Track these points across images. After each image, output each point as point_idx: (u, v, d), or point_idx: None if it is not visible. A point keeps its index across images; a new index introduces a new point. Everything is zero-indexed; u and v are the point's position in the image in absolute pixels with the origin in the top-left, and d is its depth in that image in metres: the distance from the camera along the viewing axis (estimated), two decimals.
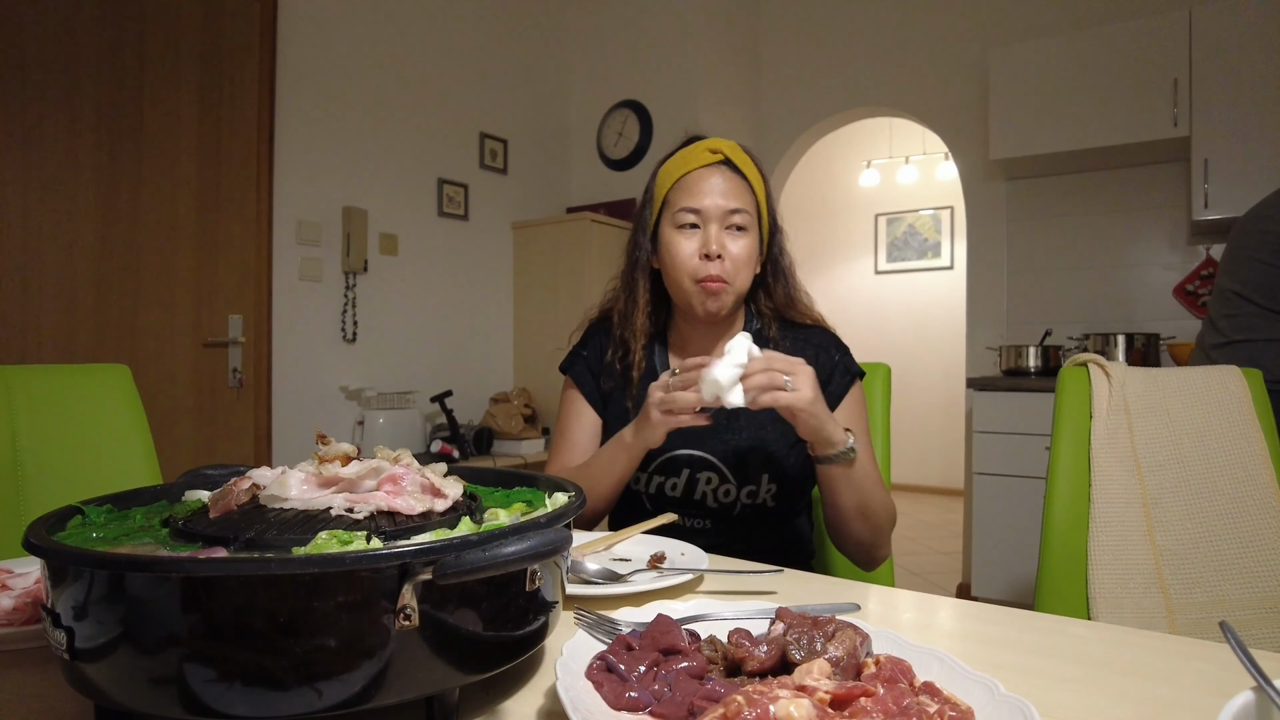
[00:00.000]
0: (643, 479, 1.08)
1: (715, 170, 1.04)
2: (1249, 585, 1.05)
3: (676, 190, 1.05)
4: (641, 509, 1.10)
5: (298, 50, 2.61)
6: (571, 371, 1.17)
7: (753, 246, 1.04)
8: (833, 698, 0.42)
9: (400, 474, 0.57)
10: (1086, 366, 1.19)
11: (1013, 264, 3.34)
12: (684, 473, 1.06)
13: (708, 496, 1.05)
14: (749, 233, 1.03)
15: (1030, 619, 0.69)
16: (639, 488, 1.09)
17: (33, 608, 0.63)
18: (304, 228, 2.63)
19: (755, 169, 1.07)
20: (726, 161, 1.05)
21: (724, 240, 1.02)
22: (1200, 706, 0.51)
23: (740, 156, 1.06)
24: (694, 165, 1.05)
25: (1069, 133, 2.88)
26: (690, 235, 1.03)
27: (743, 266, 1.03)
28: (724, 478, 1.05)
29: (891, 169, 5.62)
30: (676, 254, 1.04)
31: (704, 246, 1.02)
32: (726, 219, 1.02)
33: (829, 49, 3.76)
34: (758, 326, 1.13)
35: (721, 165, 1.05)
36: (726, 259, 1.02)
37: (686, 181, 1.04)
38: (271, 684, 0.41)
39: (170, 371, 2.29)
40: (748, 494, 1.04)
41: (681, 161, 1.06)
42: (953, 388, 5.31)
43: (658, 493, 1.08)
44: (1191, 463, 1.11)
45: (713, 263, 1.01)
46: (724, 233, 1.02)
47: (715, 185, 1.03)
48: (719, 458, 1.06)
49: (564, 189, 3.80)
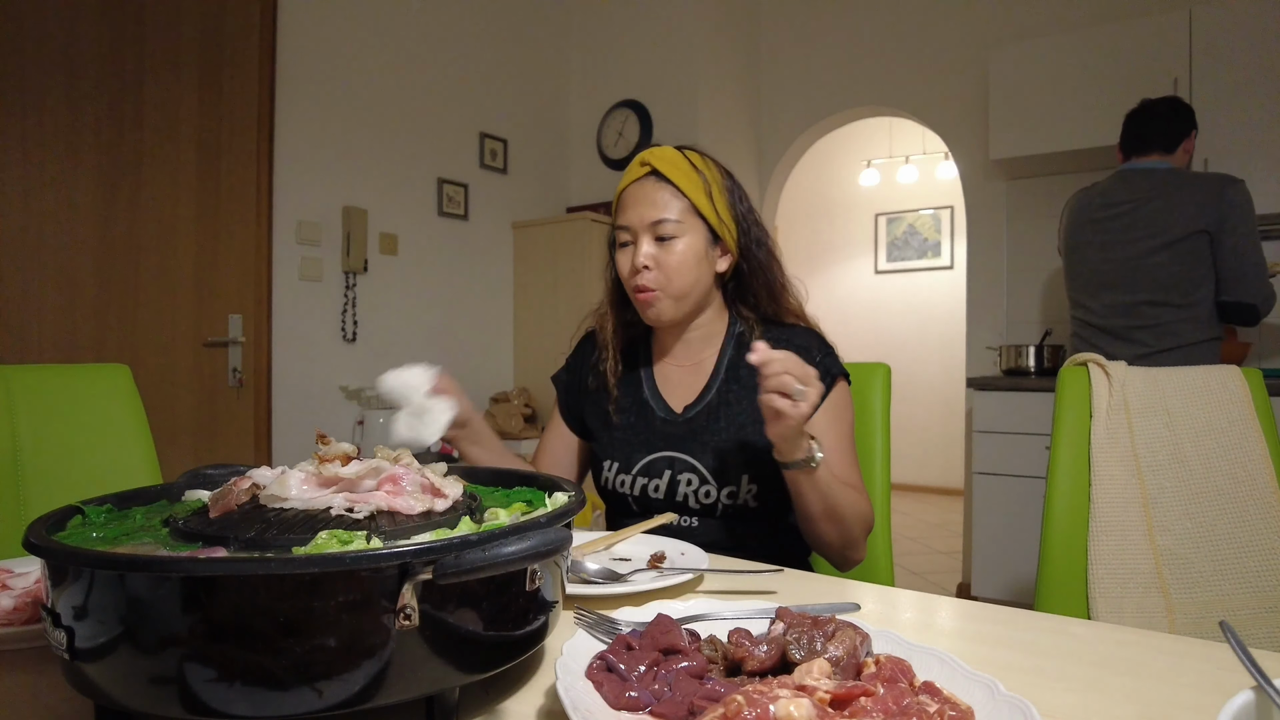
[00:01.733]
0: (627, 481, 1.10)
1: (642, 183, 1.06)
2: (1249, 585, 1.05)
3: (616, 209, 1.10)
4: (628, 510, 1.11)
5: (298, 50, 2.61)
6: (557, 386, 1.24)
7: (688, 251, 1.04)
8: (833, 697, 0.42)
9: (400, 474, 0.57)
10: (1086, 366, 1.19)
11: (1013, 264, 3.34)
12: (665, 474, 1.08)
13: (689, 498, 1.06)
14: (680, 239, 1.04)
15: (1030, 618, 0.69)
16: (624, 490, 1.10)
17: (33, 607, 0.63)
18: (304, 228, 2.63)
19: (692, 170, 1.06)
20: (654, 172, 1.06)
21: (652, 251, 1.04)
22: (1200, 706, 0.51)
23: (669, 164, 1.05)
24: (626, 182, 1.08)
25: (1069, 132, 2.88)
26: (625, 252, 1.07)
27: (676, 272, 1.04)
28: (703, 479, 1.05)
29: (891, 169, 5.62)
30: (619, 272, 1.10)
31: (632, 260, 1.05)
32: (653, 230, 1.04)
33: (829, 49, 3.76)
34: (740, 329, 1.13)
35: (648, 177, 1.06)
36: (655, 269, 1.04)
37: (621, 199, 1.09)
38: (271, 684, 0.41)
39: (170, 371, 2.29)
40: (728, 494, 1.05)
41: (624, 179, 1.09)
42: (953, 387, 5.30)
43: (642, 494, 1.09)
44: (1191, 462, 1.11)
45: (639, 274, 1.05)
46: (653, 244, 1.04)
47: (640, 197, 1.05)
48: (697, 459, 1.06)
49: (564, 189, 3.80)
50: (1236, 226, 2.04)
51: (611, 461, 1.12)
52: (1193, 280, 2.08)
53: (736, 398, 1.08)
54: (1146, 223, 2.13)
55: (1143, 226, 2.14)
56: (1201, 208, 2.05)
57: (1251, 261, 2.05)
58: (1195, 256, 2.07)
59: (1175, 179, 2.13)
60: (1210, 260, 2.07)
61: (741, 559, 0.90)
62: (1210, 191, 2.05)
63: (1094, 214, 2.27)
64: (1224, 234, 2.04)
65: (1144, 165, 2.20)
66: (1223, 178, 2.08)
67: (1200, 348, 2.11)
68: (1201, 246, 2.07)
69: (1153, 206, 2.12)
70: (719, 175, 1.09)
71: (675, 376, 1.14)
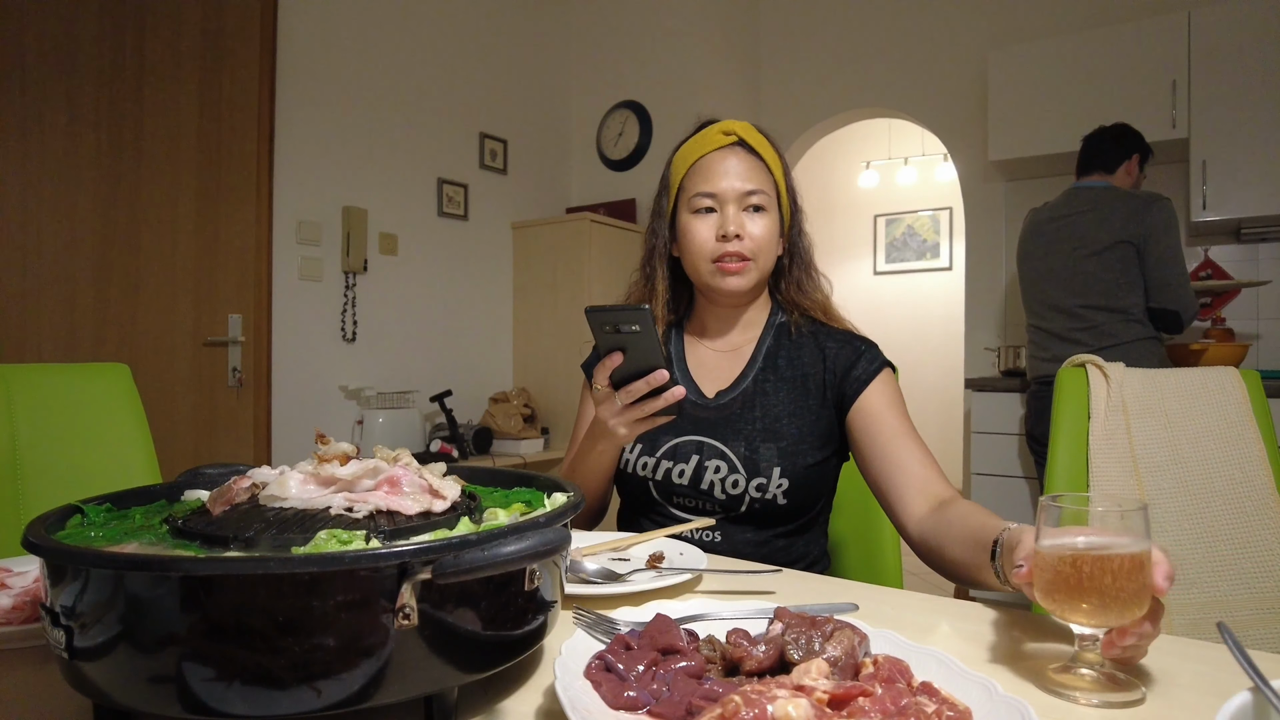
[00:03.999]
0: (650, 464, 1.04)
1: (730, 152, 1.04)
2: (1246, 586, 1.05)
3: (691, 175, 1.05)
4: (647, 495, 1.06)
5: (298, 50, 2.61)
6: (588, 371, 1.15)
7: (773, 226, 1.04)
8: (831, 698, 0.42)
9: (399, 474, 0.57)
10: (1085, 367, 1.19)
11: (1011, 265, 3.34)
12: (693, 459, 1.02)
13: (715, 486, 1.01)
14: (768, 212, 1.03)
15: (1029, 619, 0.69)
16: (645, 473, 1.05)
17: (32, 606, 0.63)
18: (304, 227, 2.63)
19: (771, 148, 1.06)
20: (741, 143, 1.04)
21: (742, 220, 1.01)
22: (1198, 707, 0.51)
23: (755, 136, 1.05)
24: (708, 149, 1.04)
25: (1068, 134, 2.87)
26: (707, 219, 1.03)
27: (764, 246, 1.03)
28: (733, 467, 1.01)
29: (890, 170, 5.62)
30: (694, 238, 1.04)
31: (721, 228, 1.01)
32: (744, 200, 1.02)
33: (829, 50, 3.76)
34: (782, 319, 1.11)
35: (736, 146, 1.04)
36: (746, 238, 1.01)
37: (701, 165, 1.04)
38: (270, 683, 0.41)
39: (170, 371, 2.29)
40: (756, 487, 1.00)
41: (695, 146, 1.06)
42: (951, 388, 5.30)
43: (665, 479, 1.03)
44: (1189, 463, 1.11)
45: (731, 243, 1.01)
46: (742, 214, 1.02)
47: (730, 167, 1.03)
48: (729, 446, 1.02)
49: (564, 189, 3.80)
50: (1160, 239, 2.25)
51: (635, 443, 1.05)
52: (1122, 286, 2.29)
53: (774, 388, 1.04)
54: (1080, 233, 2.36)
55: (1076, 236, 2.37)
56: (1127, 221, 2.27)
57: (1175, 272, 2.26)
58: (1123, 264, 2.29)
59: (1109, 195, 2.35)
60: (1138, 269, 2.29)
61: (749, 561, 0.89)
62: (1137, 207, 2.27)
63: (1041, 226, 2.50)
64: (1149, 246, 2.26)
65: (1087, 184, 2.44)
66: (1150, 196, 2.30)
67: (1137, 345, 2.29)
68: (1129, 256, 2.28)
69: (1086, 219, 2.35)
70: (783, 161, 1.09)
71: (710, 360, 1.10)
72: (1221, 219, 2.68)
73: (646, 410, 0.86)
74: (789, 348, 1.08)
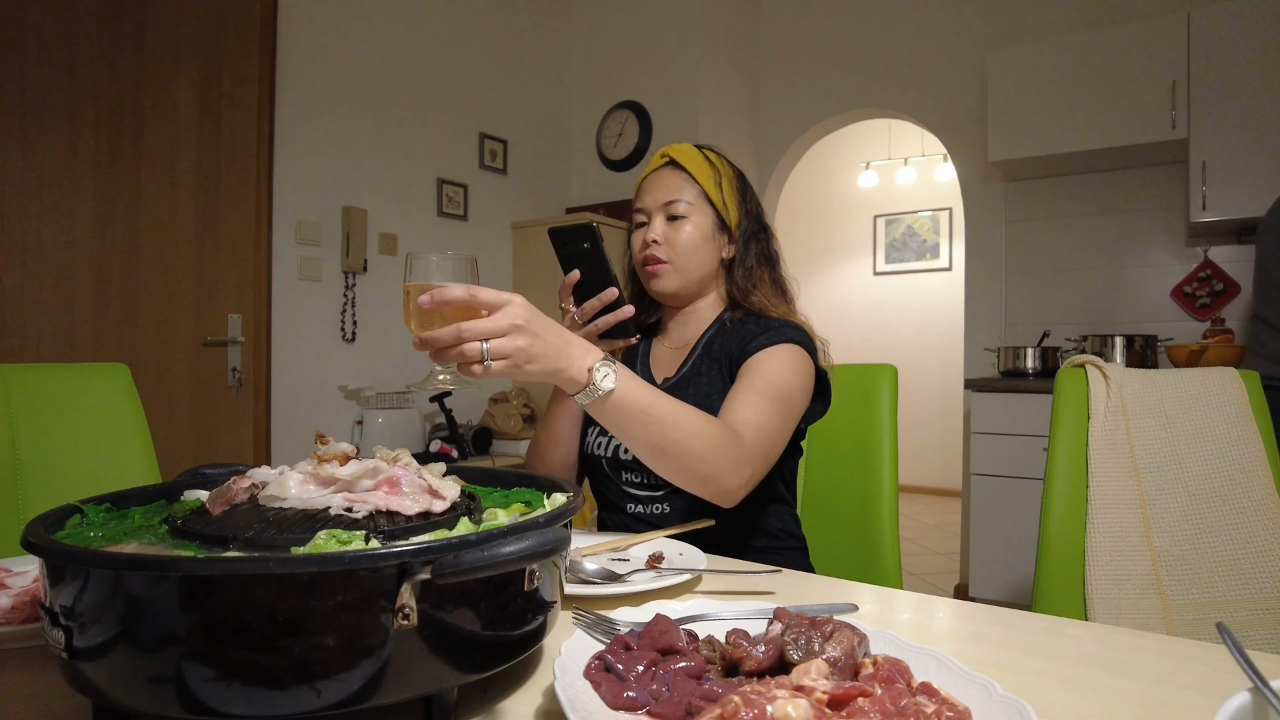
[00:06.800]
0: (604, 443, 1.13)
1: (661, 172, 1.16)
2: (1246, 586, 1.05)
3: (637, 196, 1.19)
4: (601, 473, 1.14)
5: (298, 50, 2.61)
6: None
7: (696, 232, 1.12)
8: (830, 698, 0.42)
9: (399, 474, 0.58)
10: (1084, 368, 1.19)
11: (1011, 265, 3.34)
12: None
13: None
14: (688, 219, 1.12)
15: (1028, 619, 0.69)
16: (599, 452, 1.13)
17: (31, 606, 0.63)
18: (304, 227, 2.63)
19: (706, 164, 1.15)
20: (671, 162, 1.16)
21: (663, 229, 1.13)
22: (1197, 707, 0.51)
23: (687, 155, 1.15)
24: (646, 172, 1.18)
25: (1067, 135, 2.88)
26: (639, 231, 1.17)
27: (682, 249, 1.12)
28: None
29: (890, 170, 5.63)
30: (631, 247, 1.19)
31: (644, 236, 1.14)
32: (665, 210, 1.13)
33: (828, 50, 3.76)
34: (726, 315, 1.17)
35: (666, 166, 1.16)
36: (665, 243, 1.12)
37: (640, 187, 1.19)
38: (270, 683, 0.41)
39: (170, 371, 2.29)
40: None
41: (646, 171, 1.20)
42: (951, 389, 5.31)
43: (614, 456, 1.11)
44: (1189, 464, 1.11)
45: (650, 248, 1.13)
46: (665, 223, 1.13)
47: (656, 183, 1.15)
48: None
49: (564, 189, 3.80)
50: None
51: (594, 426, 1.16)
52: None
53: (706, 370, 1.12)
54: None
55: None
56: None
57: None
58: None
59: None
60: None
61: (742, 556, 0.90)
62: None
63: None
64: None
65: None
66: None
67: None
68: None
69: None
70: (731, 172, 1.18)
71: (665, 356, 1.21)
72: (1221, 219, 2.68)
73: (600, 326, 0.98)
74: (723, 336, 1.15)
